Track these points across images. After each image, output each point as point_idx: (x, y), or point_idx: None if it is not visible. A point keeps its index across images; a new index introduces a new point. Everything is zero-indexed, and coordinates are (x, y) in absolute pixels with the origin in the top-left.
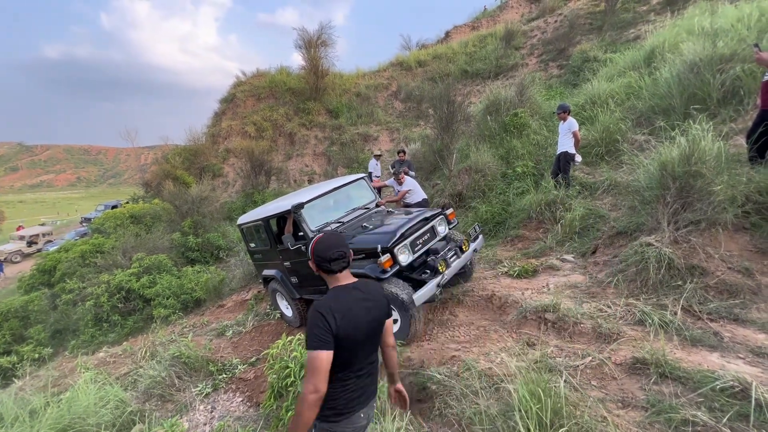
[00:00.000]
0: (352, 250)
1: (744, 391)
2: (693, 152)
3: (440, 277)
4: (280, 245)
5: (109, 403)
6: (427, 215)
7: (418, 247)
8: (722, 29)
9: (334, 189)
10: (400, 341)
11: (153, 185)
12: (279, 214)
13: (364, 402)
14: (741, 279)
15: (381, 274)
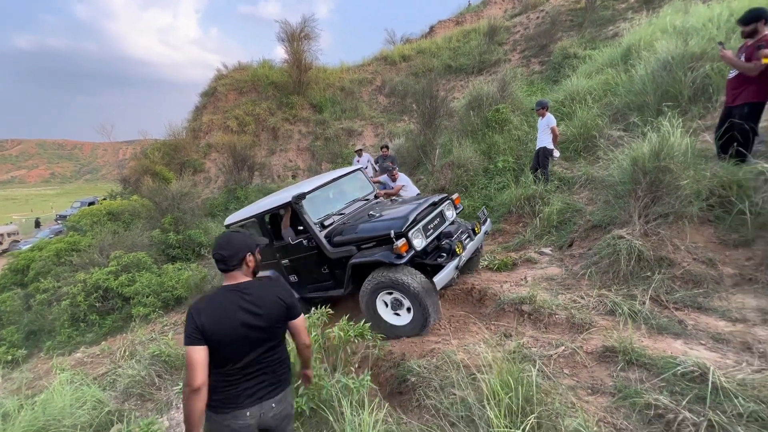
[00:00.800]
0: (359, 238)
1: (703, 375)
2: (662, 148)
3: (458, 259)
4: (277, 242)
5: (86, 403)
6: (435, 200)
7: (429, 232)
8: (694, 28)
9: (333, 180)
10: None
11: (131, 181)
12: (276, 208)
13: (254, 401)
14: (705, 269)
15: (396, 259)
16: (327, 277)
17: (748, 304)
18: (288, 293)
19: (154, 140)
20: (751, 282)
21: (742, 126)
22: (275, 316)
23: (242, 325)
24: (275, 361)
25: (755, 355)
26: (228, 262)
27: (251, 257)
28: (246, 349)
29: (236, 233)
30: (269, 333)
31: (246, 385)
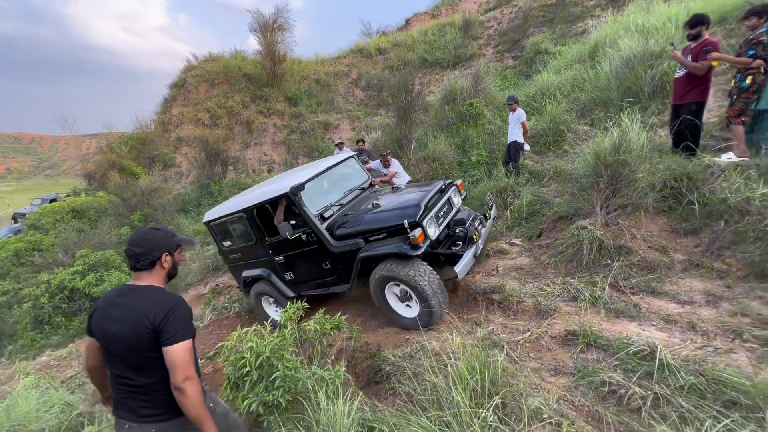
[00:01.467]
0: (367, 229)
1: (652, 353)
2: (622, 143)
3: (475, 247)
4: (270, 238)
5: (53, 407)
6: (442, 186)
7: (440, 220)
8: (654, 27)
9: (328, 169)
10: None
11: (97, 177)
12: (270, 200)
13: (126, 416)
14: (658, 256)
15: (412, 250)
16: (329, 272)
17: (695, 288)
18: (167, 311)
19: (120, 134)
20: (698, 267)
21: (692, 122)
22: (138, 334)
23: (108, 331)
24: (153, 383)
25: (698, 334)
26: (140, 259)
27: (167, 258)
28: (113, 358)
29: (157, 229)
30: (131, 352)
31: (122, 397)
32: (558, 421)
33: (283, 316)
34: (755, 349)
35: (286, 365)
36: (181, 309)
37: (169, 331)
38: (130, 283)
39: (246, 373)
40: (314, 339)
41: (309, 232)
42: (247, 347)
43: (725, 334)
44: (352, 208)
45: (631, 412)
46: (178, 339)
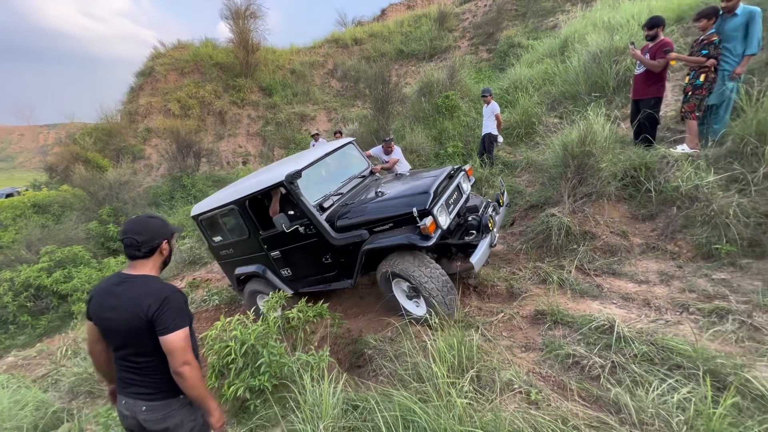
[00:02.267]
0: (372, 219)
1: (611, 327)
2: (587, 135)
3: (490, 236)
4: (264, 231)
5: (27, 405)
6: (450, 171)
7: (450, 207)
8: (619, 24)
9: (325, 155)
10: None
11: (59, 170)
12: (263, 190)
13: (127, 394)
14: (619, 240)
15: (422, 241)
16: (330, 267)
17: (650, 268)
18: (162, 301)
19: (83, 124)
20: (654, 249)
21: (650, 116)
22: (133, 323)
23: (102, 316)
24: (146, 366)
25: (652, 309)
26: (140, 248)
27: (166, 245)
28: (111, 339)
29: (153, 217)
30: (129, 338)
31: (119, 374)
32: (527, 390)
33: (266, 306)
34: (699, 320)
35: (270, 351)
36: (175, 299)
37: (164, 322)
38: (125, 271)
39: (231, 361)
40: (298, 326)
41: (307, 223)
42: (232, 336)
43: (675, 308)
44: (353, 197)
45: (591, 380)
46: (173, 329)
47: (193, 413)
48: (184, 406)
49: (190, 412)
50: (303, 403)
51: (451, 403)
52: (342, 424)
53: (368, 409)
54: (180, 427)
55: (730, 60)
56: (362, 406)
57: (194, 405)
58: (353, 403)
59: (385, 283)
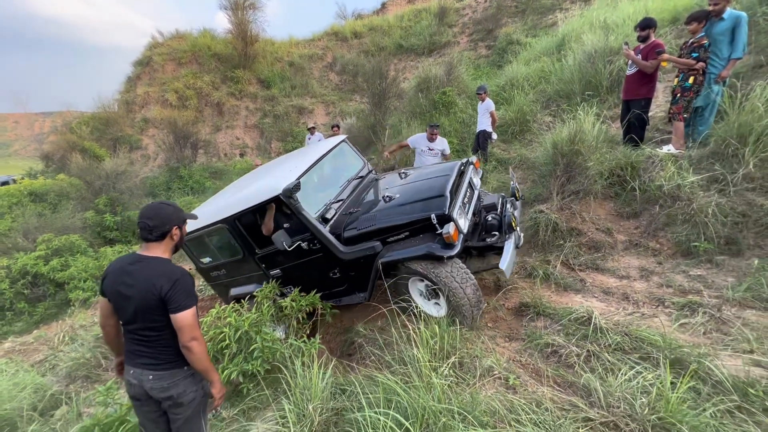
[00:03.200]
0: (384, 228)
1: (589, 319)
2: (577, 134)
3: (515, 236)
4: (261, 250)
5: (26, 388)
6: (461, 167)
7: (466, 207)
8: (615, 24)
9: (320, 158)
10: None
11: (55, 158)
12: (256, 206)
13: (135, 364)
14: (604, 237)
15: (446, 250)
16: (339, 282)
17: (632, 264)
18: (173, 283)
19: (80, 113)
20: (637, 246)
21: (640, 116)
22: (146, 300)
23: (117, 292)
24: (155, 339)
25: (630, 303)
26: (152, 231)
27: (177, 231)
28: (123, 314)
29: (167, 204)
30: (141, 313)
31: (129, 346)
32: (506, 376)
33: (260, 295)
34: (672, 313)
35: (263, 338)
36: (185, 281)
37: (176, 301)
38: (139, 252)
39: (225, 347)
40: (290, 315)
41: (310, 238)
42: (227, 322)
43: (651, 302)
44: (356, 203)
45: (567, 367)
46: (183, 307)
47: (195, 384)
48: (187, 377)
49: (193, 383)
50: (294, 386)
51: (431, 384)
52: (330, 406)
53: (355, 393)
54: (183, 395)
55: (717, 63)
56: (350, 390)
57: (196, 377)
58: (341, 386)
59: (402, 281)
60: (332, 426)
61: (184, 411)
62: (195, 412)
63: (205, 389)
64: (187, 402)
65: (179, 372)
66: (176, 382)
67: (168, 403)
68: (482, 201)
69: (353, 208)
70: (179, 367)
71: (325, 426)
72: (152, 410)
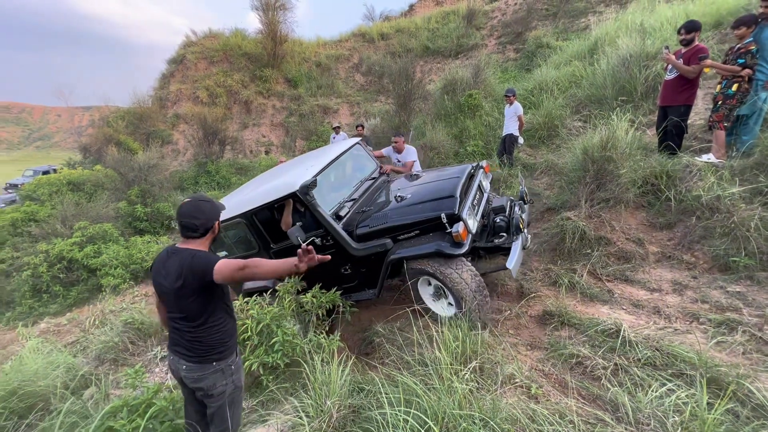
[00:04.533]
0: (395, 226)
1: (617, 331)
2: (609, 140)
3: (522, 237)
4: (276, 244)
5: (58, 367)
6: (470, 170)
7: (475, 209)
8: (652, 27)
9: (335, 159)
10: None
11: (93, 150)
12: (274, 202)
13: (172, 349)
14: (634, 248)
15: (455, 248)
16: (350, 278)
17: (664, 277)
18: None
19: (116, 107)
20: (670, 259)
21: (678, 124)
22: (175, 287)
23: (158, 283)
24: (187, 332)
25: (662, 317)
26: (198, 230)
27: (217, 225)
28: (164, 303)
29: (205, 201)
30: (175, 301)
31: (170, 332)
32: (528, 385)
33: (282, 290)
34: (708, 330)
35: (284, 332)
36: (203, 253)
37: (200, 267)
38: (178, 245)
39: (247, 338)
40: (311, 310)
41: (324, 234)
42: (249, 315)
43: (685, 317)
44: (369, 202)
45: (593, 380)
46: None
47: (225, 378)
48: (216, 372)
49: (222, 377)
50: (313, 381)
51: (453, 388)
52: (348, 403)
53: (373, 392)
54: (212, 388)
55: (765, 70)
56: (368, 388)
57: (225, 372)
58: (360, 385)
59: (411, 281)
60: (350, 423)
61: (215, 401)
62: (225, 404)
63: (236, 383)
64: (217, 394)
65: (209, 367)
66: (205, 375)
67: (200, 393)
68: (491, 204)
69: (366, 207)
70: (208, 362)
71: (342, 422)
72: (189, 393)
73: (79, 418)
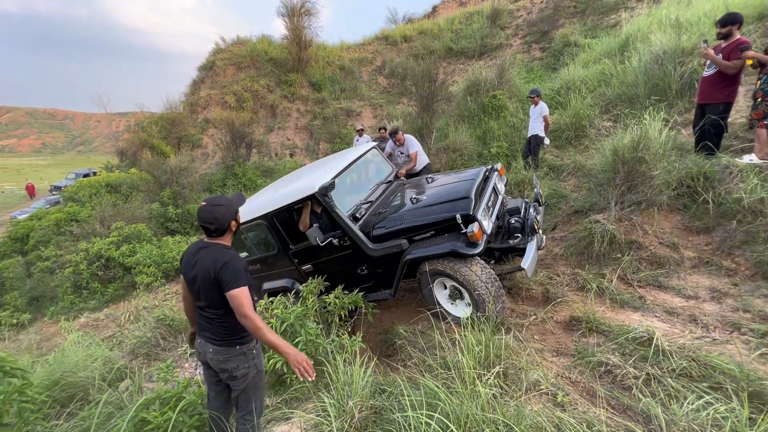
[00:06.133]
0: (411, 227)
1: (650, 339)
2: (641, 140)
3: (537, 238)
4: (294, 245)
5: (97, 360)
6: (485, 173)
7: (490, 210)
8: (689, 22)
9: (352, 162)
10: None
11: (129, 154)
12: (294, 203)
13: (200, 334)
14: (668, 252)
15: (470, 248)
16: (366, 278)
17: (701, 284)
18: (222, 265)
19: (150, 113)
20: (708, 264)
21: (716, 122)
22: (204, 279)
23: (187, 274)
24: (213, 317)
25: (699, 326)
26: (215, 232)
27: (234, 223)
28: (192, 293)
29: (217, 205)
30: (202, 292)
31: (198, 319)
32: (554, 392)
33: (305, 290)
34: (750, 341)
35: (307, 332)
36: (233, 264)
37: (225, 280)
38: (205, 239)
39: None
40: (334, 311)
41: (341, 235)
42: (273, 314)
43: (724, 327)
44: (385, 205)
45: (623, 389)
46: (231, 287)
47: (248, 361)
48: (240, 355)
49: (245, 360)
50: (336, 381)
51: (476, 392)
52: (370, 404)
53: (395, 394)
54: (236, 370)
55: None
56: (389, 390)
57: (248, 355)
58: (381, 386)
59: (426, 282)
60: (372, 424)
61: (239, 384)
62: (249, 386)
63: (258, 367)
64: (241, 376)
65: (232, 350)
66: (230, 357)
67: (225, 375)
68: (506, 206)
69: (382, 209)
70: (232, 345)
71: (364, 423)
72: (213, 375)
73: (114, 409)
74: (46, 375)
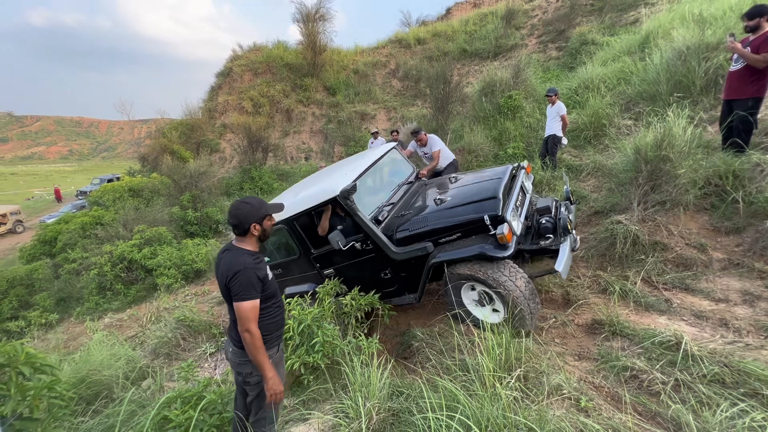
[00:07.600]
0: (436, 229)
1: (678, 344)
2: (665, 138)
3: (570, 238)
4: (316, 249)
5: (120, 359)
6: (512, 171)
7: (518, 210)
8: (713, 17)
9: (372, 164)
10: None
11: (150, 159)
12: (315, 207)
13: (227, 333)
14: (696, 254)
15: (500, 251)
16: (390, 282)
17: (732, 287)
18: (233, 275)
19: (170, 120)
20: (738, 266)
21: (745, 119)
22: (220, 284)
23: (216, 274)
24: (233, 320)
25: (730, 330)
26: (236, 229)
27: (256, 227)
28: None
29: (245, 203)
30: (223, 294)
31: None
32: (577, 397)
33: (322, 291)
34: None
35: (325, 333)
36: (245, 275)
37: (234, 290)
38: (232, 242)
39: (289, 338)
40: (350, 313)
41: (363, 239)
42: (291, 315)
43: (758, 331)
44: (407, 206)
45: (650, 395)
46: (239, 299)
47: None
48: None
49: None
50: (353, 383)
51: (497, 395)
52: (387, 406)
53: (413, 396)
54: (249, 376)
55: None
56: (407, 392)
57: None
58: (399, 388)
59: (454, 288)
60: (389, 427)
61: (253, 390)
62: (263, 394)
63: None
64: (254, 383)
65: (246, 354)
66: (245, 362)
67: (240, 378)
68: (535, 205)
69: (404, 211)
70: (238, 348)
71: (382, 425)
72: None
73: (137, 407)
74: (73, 373)
